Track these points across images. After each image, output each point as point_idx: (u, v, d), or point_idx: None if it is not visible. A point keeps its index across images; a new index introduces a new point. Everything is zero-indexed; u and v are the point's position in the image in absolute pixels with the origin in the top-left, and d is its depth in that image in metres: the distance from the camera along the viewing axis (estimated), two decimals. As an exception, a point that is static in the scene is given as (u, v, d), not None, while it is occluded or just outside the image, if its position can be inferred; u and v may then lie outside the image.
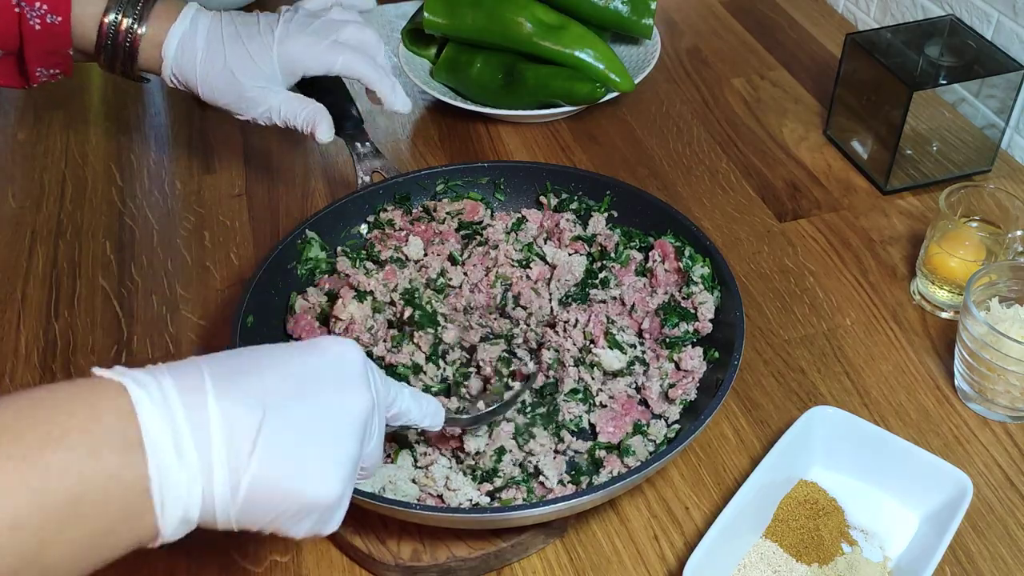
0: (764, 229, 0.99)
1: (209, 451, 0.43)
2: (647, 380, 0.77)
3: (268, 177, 1.06)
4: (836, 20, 1.31)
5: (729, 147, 1.10)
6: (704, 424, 0.67)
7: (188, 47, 0.82)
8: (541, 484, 0.71)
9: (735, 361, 0.71)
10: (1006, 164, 1.05)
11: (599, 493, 0.64)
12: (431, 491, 0.70)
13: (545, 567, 0.71)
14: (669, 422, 0.74)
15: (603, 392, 0.76)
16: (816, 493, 0.72)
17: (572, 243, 0.87)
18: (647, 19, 1.13)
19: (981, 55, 0.99)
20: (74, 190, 1.06)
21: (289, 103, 0.84)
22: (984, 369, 0.77)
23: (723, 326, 0.77)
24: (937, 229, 0.87)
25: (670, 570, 0.70)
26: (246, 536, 0.72)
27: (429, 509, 0.65)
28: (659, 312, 0.80)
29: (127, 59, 0.83)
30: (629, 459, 0.72)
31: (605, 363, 0.76)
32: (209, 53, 0.82)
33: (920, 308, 0.90)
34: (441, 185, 0.89)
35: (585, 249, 0.87)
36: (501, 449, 0.71)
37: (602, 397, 0.76)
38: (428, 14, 1.10)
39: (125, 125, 1.15)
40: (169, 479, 0.42)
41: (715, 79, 1.20)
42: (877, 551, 0.70)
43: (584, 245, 0.87)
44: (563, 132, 1.12)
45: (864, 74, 1.02)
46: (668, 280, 0.82)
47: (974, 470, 0.76)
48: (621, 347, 0.77)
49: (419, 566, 0.68)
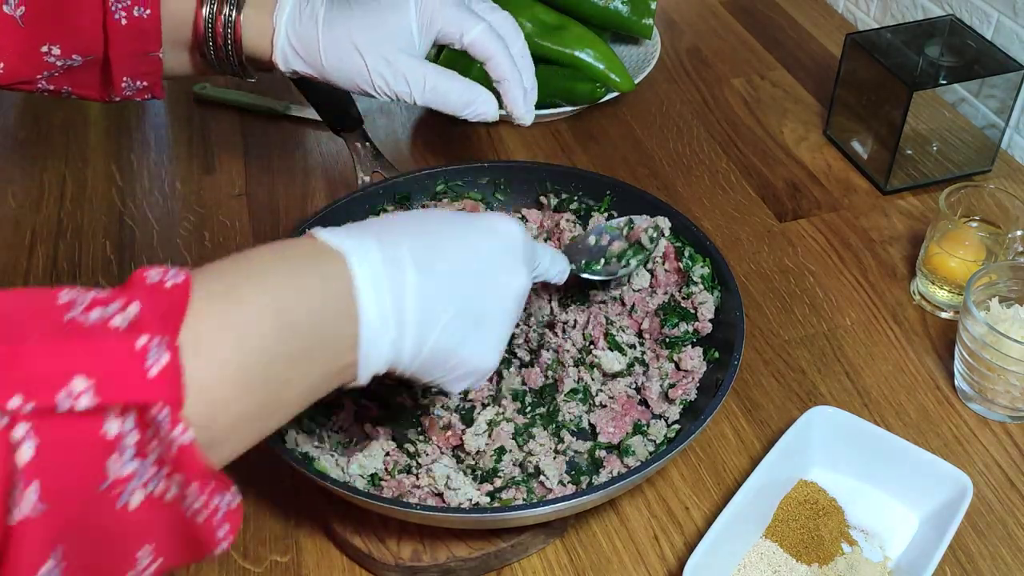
0: (764, 229, 0.99)
1: (404, 315, 0.50)
2: (647, 380, 0.77)
3: (268, 177, 1.06)
4: (836, 20, 1.31)
5: (729, 147, 1.10)
6: (704, 424, 0.67)
7: (306, 14, 0.71)
8: (541, 484, 0.71)
9: (735, 361, 0.71)
10: (1006, 164, 1.05)
11: (599, 493, 0.64)
12: (432, 490, 0.70)
13: (545, 567, 0.71)
14: (669, 422, 0.74)
15: (603, 392, 0.76)
16: (816, 493, 0.72)
17: None
18: (647, 19, 1.13)
19: (981, 55, 0.99)
20: (74, 190, 1.06)
21: (440, 75, 0.71)
22: (984, 369, 0.77)
23: (723, 326, 0.77)
24: (937, 229, 0.87)
25: (670, 570, 0.71)
26: (246, 536, 0.73)
27: (429, 509, 0.65)
28: (659, 312, 0.80)
29: (232, 52, 0.73)
30: (629, 459, 0.72)
31: (605, 364, 0.76)
32: (330, 20, 0.71)
33: (920, 308, 0.90)
34: (441, 185, 0.89)
35: None
36: (501, 449, 0.72)
37: (602, 397, 0.76)
38: (428, 14, 1.10)
39: (125, 125, 1.15)
40: (374, 337, 0.49)
41: (715, 79, 1.20)
42: (877, 551, 0.70)
43: None
44: (563, 132, 1.12)
45: (864, 74, 1.02)
46: (668, 280, 0.82)
47: (974, 470, 0.76)
48: (621, 348, 0.77)
49: (419, 566, 0.68)
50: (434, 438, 0.72)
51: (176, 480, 0.40)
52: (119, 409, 0.37)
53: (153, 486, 0.39)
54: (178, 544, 0.42)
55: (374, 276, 0.49)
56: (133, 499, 0.39)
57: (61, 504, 0.36)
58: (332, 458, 0.70)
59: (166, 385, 0.38)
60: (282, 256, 0.49)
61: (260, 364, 0.44)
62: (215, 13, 0.71)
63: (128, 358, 0.38)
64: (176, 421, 0.39)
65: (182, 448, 0.39)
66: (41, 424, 0.35)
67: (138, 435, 0.38)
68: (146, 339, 0.38)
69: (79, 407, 0.35)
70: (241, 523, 0.44)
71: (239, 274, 0.46)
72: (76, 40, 0.69)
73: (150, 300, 0.40)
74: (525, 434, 0.73)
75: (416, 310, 0.50)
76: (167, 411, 0.38)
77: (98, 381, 0.36)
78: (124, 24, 0.69)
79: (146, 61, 0.72)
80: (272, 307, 0.45)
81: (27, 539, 0.35)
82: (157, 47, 0.71)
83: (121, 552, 0.40)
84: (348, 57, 0.70)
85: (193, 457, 0.39)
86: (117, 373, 0.37)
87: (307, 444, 0.71)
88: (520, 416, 0.74)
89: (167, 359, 0.39)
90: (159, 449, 0.39)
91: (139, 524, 0.39)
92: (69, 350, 0.37)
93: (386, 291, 0.49)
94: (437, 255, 0.52)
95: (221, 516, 0.42)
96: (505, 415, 0.74)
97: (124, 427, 0.37)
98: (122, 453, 0.38)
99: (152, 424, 0.38)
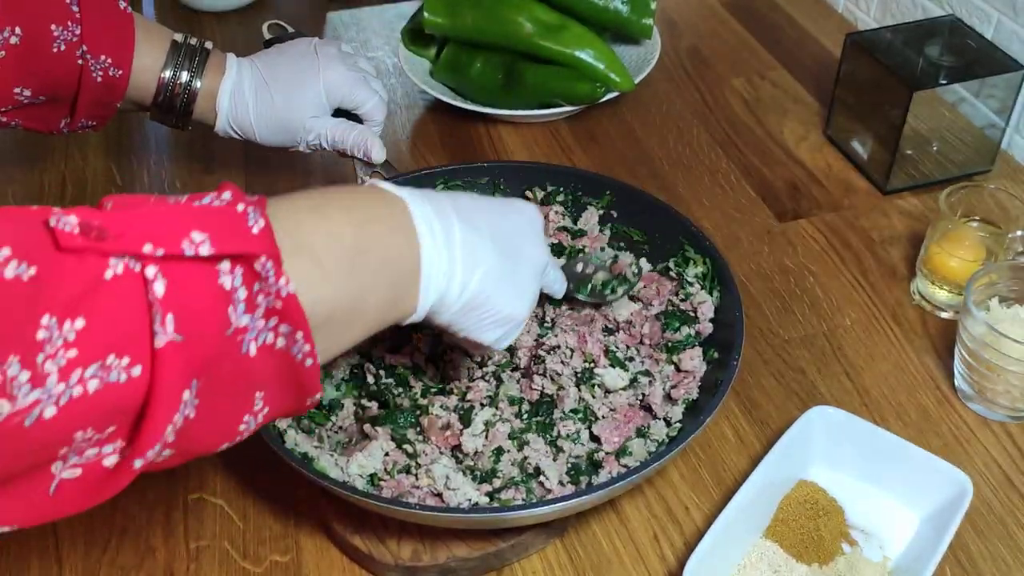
0: (764, 229, 0.99)
1: (453, 251, 0.57)
2: (651, 387, 0.76)
3: (268, 177, 1.06)
4: (836, 20, 1.31)
5: (729, 147, 1.10)
6: (703, 425, 0.67)
7: (239, 98, 0.85)
8: (541, 484, 0.71)
9: (734, 362, 0.71)
10: (1006, 164, 1.05)
11: (599, 493, 0.64)
12: (431, 490, 0.70)
13: (545, 567, 0.71)
14: (672, 422, 0.74)
15: (604, 406, 0.75)
16: (816, 493, 0.72)
17: (557, 233, 0.87)
18: (647, 19, 1.13)
19: (981, 55, 0.99)
20: (74, 190, 1.06)
21: (338, 127, 0.88)
22: (984, 369, 0.77)
23: (723, 326, 0.77)
24: (937, 229, 0.87)
25: (670, 570, 0.70)
26: (246, 536, 0.73)
27: (429, 509, 0.65)
28: (660, 317, 0.80)
29: (182, 112, 0.85)
30: (626, 459, 0.71)
31: (609, 382, 0.75)
32: (258, 99, 0.86)
33: (920, 308, 0.90)
34: (441, 185, 0.89)
35: (568, 239, 0.87)
36: (499, 449, 0.71)
37: (603, 411, 0.75)
38: (428, 14, 1.10)
39: (125, 125, 1.15)
40: (431, 267, 0.56)
41: (715, 79, 1.20)
42: (877, 551, 0.70)
43: (568, 236, 0.87)
44: (563, 132, 1.12)
45: (864, 74, 1.02)
46: (663, 289, 0.82)
47: (974, 470, 0.76)
48: (623, 364, 0.76)
49: (419, 566, 0.68)
50: (433, 438, 0.72)
51: (283, 330, 0.46)
52: (229, 264, 0.43)
53: (264, 337, 0.45)
54: (286, 390, 0.48)
55: (427, 218, 0.56)
56: (252, 348, 0.45)
57: (196, 339, 0.42)
58: (331, 458, 0.70)
59: (268, 240, 0.44)
60: (352, 193, 0.56)
61: (345, 259, 0.51)
62: (175, 79, 0.83)
63: (233, 218, 0.44)
64: (280, 273, 0.44)
65: (288, 298, 0.45)
66: (168, 268, 0.41)
67: (246, 291, 0.44)
68: (244, 206, 0.45)
69: (201, 254, 0.42)
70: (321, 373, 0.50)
71: (317, 198, 0.53)
72: (49, 87, 0.78)
73: (238, 193, 0.46)
74: (521, 438, 0.73)
75: (462, 251, 0.58)
76: (271, 264, 0.44)
77: (212, 235, 0.42)
78: (99, 81, 0.79)
79: (106, 107, 0.83)
80: (351, 222, 0.52)
81: (170, 364, 0.41)
82: (120, 99, 0.82)
83: (244, 394, 0.46)
84: (275, 128, 0.87)
85: (297, 307, 0.45)
86: (227, 229, 0.43)
87: (307, 444, 0.71)
88: (517, 420, 0.74)
89: (263, 223, 0.45)
90: (267, 301, 0.44)
91: (257, 370, 0.46)
92: (185, 211, 0.43)
93: (439, 231, 0.57)
94: (476, 216, 0.60)
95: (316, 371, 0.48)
96: (502, 416, 0.74)
97: (235, 282, 0.43)
98: (236, 306, 0.43)
99: (259, 277, 0.44)
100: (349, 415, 0.76)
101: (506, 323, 0.62)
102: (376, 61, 1.24)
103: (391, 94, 1.18)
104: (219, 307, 0.43)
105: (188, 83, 0.83)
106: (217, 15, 1.34)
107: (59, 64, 0.76)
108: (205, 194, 0.46)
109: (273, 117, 0.86)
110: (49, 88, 0.78)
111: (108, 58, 0.78)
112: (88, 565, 0.71)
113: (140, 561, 0.71)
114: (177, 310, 0.41)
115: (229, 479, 0.77)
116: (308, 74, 0.86)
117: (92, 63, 0.77)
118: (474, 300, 0.59)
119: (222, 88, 0.85)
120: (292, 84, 0.86)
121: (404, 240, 0.55)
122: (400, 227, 0.55)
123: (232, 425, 0.47)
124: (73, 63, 0.77)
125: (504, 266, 0.61)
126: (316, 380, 0.49)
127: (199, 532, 0.73)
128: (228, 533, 0.73)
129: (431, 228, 0.56)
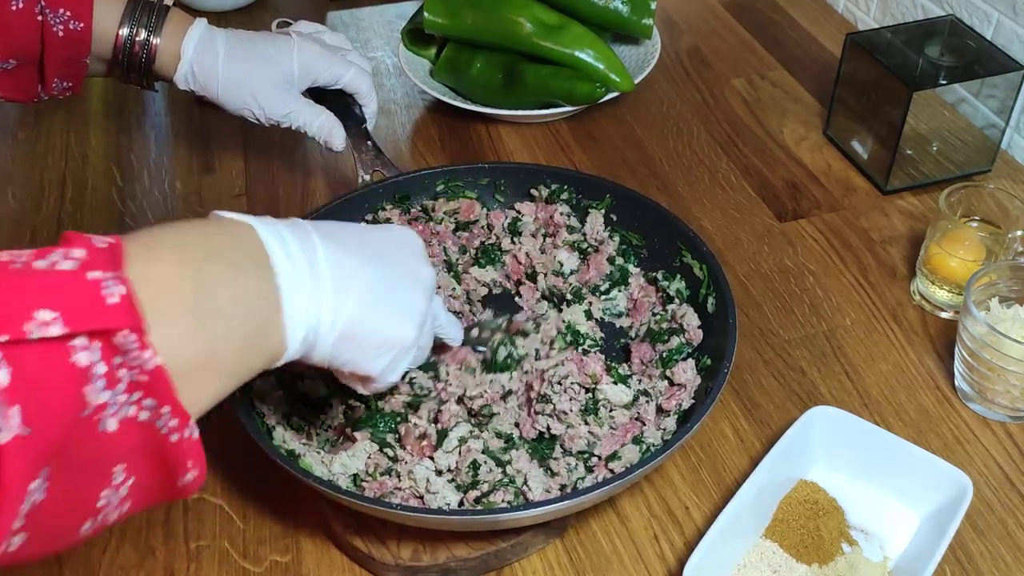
0: (764, 229, 0.99)
1: (319, 283, 0.52)
2: (647, 405, 0.75)
3: (268, 177, 1.06)
4: (836, 20, 1.31)
5: (729, 147, 1.10)
6: (700, 420, 0.67)
7: (208, 48, 0.85)
8: (527, 484, 0.69)
9: (724, 370, 0.70)
10: (1006, 164, 1.05)
11: (599, 492, 0.63)
12: (413, 492, 0.69)
13: (545, 567, 0.71)
14: (666, 432, 0.73)
15: (607, 424, 0.74)
16: (816, 493, 0.72)
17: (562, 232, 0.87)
18: (647, 19, 1.13)
19: (981, 55, 0.99)
20: (74, 190, 1.06)
21: (305, 110, 0.88)
22: (984, 369, 0.77)
23: (717, 332, 0.76)
24: (937, 229, 0.87)
25: (670, 570, 0.71)
26: (246, 536, 0.73)
27: (429, 512, 0.65)
28: (647, 337, 0.80)
29: (143, 69, 0.85)
30: (614, 464, 0.71)
31: (613, 398, 0.74)
32: (230, 54, 0.85)
33: (920, 308, 0.90)
34: (441, 185, 0.89)
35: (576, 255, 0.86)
36: (474, 463, 0.69)
37: (605, 430, 0.73)
38: (428, 14, 1.10)
39: (125, 125, 1.15)
40: (293, 299, 0.50)
41: (715, 79, 1.20)
42: (877, 551, 0.70)
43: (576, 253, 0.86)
44: (563, 132, 1.12)
45: (864, 74, 1.02)
46: (644, 304, 0.82)
47: (974, 470, 0.76)
48: (625, 380, 0.75)
49: (419, 566, 0.68)
50: (409, 447, 0.71)
51: (148, 404, 0.42)
52: (86, 339, 0.39)
53: (126, 411, 0.42)
54: (150, 465, 0.44)
55: (281, 239, 0.51)
56: (110, 424, 0.41)
57: (45, 428, 0.38)
58: (318, 455, 0.70)
59: (126, 311, 0.41)
60: (183, 229, 0.50)
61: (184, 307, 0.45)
62: (133, 36, 0.82)
63: (85, 290, 0.40)
64: (144, 345, 0.41)
65: (154, 371, 0.42)
66: (12, 353, 0.37)
67: (105, 367, 0.40)
68: (98, 274, 0.41)
69: (50, 335, 0.38)
70: (205, 464, 0.46)
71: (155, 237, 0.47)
72: (14, 48, 0.78)
73: (91, 247, 0.42)
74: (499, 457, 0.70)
75: (330, 272, 0.52)
76: (133, 336, 0.41)
77: (63, 312, 0.39)
78: (61, 36, 0.79)
79: (75, 65, 0.82)
80: (186, 261, 0.46)
81: (16, 458, 0.37)
82: (87, 54, 0.82)
83: (99, 471, 0.43)
84: (239, 89, 0.86)
85: (164, 380, 0.42)
86: (78, 303, 0.39)
87: (294, 441, 0.71)
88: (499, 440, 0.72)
89: (122, 289, 0.41)
90: (130, 375, 0.41)
91: (117, 445, 0.42)
92: (29, 287, 0.39)
93: (297, 253, 0.51)
94: (342, 234, 0.56)
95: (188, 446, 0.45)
96: (475, 433, 0.71)
97: (92, 357, 0.40)
98: (94, 383, 0.40)
99: (120, 351, 0.40)
100: (338, 414, 0.75)
101: (391, 348, 0.57)
102: (376, 61, 1.24)
103: (391, 94, 1.18)
104: (73, 389, 0.39)
105: (146, 40, 0.83)
106: (218, 15, 1.34)
107: (18, 20, 0.77)
108: (52, 249, 0.41)
109: (241, 76, 0.85)
110: (15, 49, 0.78)
111: (67, 11, 0.78)
112: (88, 565, 0.71)
113: (140, 561, 0.71)
114: (24, 400, 0.37)
115: (229, 479, 0.77)
116: (282, 46, 0.87)
117: (51, 16, 0.78)
118: (350, 326, 0.54)
119: (188, 35, 0.84)
120: (266, 48, 0.86)
121: (255, 271, 0.49)
122: (248, 257, 0.49)
123: (89, 502, 0.43)
124: (33, 19, 0.77)
125: (381, 284, 0.56)
126: (186, 458, 0.44)
127: (199, 532, 0.73)
128: (228, 533, 0.73)
129: (287, 251, 0.51)
